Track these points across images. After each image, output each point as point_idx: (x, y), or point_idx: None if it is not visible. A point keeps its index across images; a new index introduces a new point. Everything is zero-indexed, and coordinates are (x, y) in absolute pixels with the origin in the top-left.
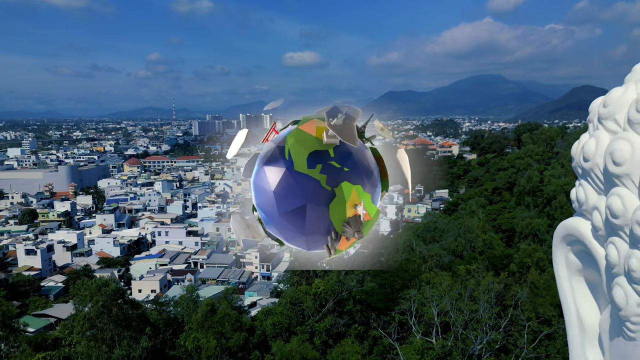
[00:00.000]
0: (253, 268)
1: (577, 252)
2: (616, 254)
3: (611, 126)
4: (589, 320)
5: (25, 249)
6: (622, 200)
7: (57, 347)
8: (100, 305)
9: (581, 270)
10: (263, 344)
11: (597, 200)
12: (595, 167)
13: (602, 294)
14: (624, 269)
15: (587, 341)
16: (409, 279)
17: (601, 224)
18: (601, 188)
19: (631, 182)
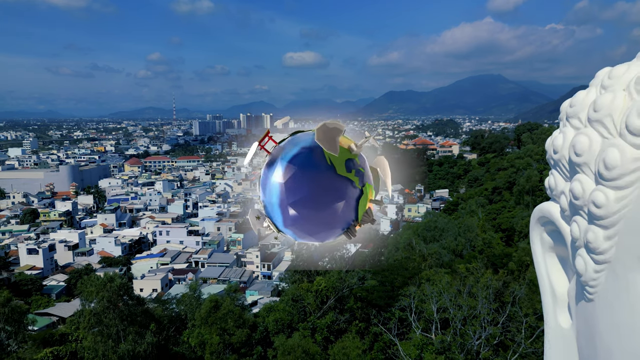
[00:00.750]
0: (254, 267)
1: (549, 231)
2: (578, 229)
3: (575, 123)
4: (560, 289)
5: (27, 248)
6: (582, 185)
7: (63, 343)
8: (106, 301)
9: (553, 247)
10: (265, 340)
11: (564, 186)
12: (562, 158)
13: (570, 266)
14: (583, 241)
15: (558, 307)
16: (409, 276)
17: (567, 205)
18: (567, 175)
19: (589, 169)
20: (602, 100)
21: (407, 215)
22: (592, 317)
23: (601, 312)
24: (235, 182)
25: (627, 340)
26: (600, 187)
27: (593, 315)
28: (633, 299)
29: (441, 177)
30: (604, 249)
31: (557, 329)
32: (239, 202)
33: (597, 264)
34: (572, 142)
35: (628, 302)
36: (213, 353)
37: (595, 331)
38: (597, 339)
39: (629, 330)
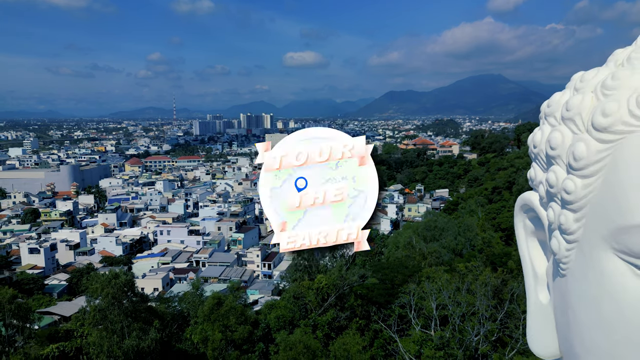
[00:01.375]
0: (254, 267)
1: (531, 218)
2: (553, 214)
3: (552, 121)
4: (540, 269)
5: (28, 247)
6: (556, 175)
7: (69, 339)
8: (110, 297)
9: (534, 232)
10: (267, 336)
11: (542, 176)
12: (540, 152)
13: (548, 248)
14: (557, 224)
15: (539, 285)
16: (409, 274)
17: (544, 193)
18: (544, 167)
19: (562, 161)
20: (573, 101)
21: (407, 215)
22: (565, 292)
23: (572, 286)
24: (236, 181)
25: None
26: (570, 176)
27: (566, 290)
28: (597, 274)
29: (441, 177)
30: (573, 230)
31: (538, 304)
32: (240, 201)
33: (568, 243)
34: (548, 137)
35: (593, 276)
36: (215, 349)
37: (568, 304)
38: (569, 311)
39: (594, 301)
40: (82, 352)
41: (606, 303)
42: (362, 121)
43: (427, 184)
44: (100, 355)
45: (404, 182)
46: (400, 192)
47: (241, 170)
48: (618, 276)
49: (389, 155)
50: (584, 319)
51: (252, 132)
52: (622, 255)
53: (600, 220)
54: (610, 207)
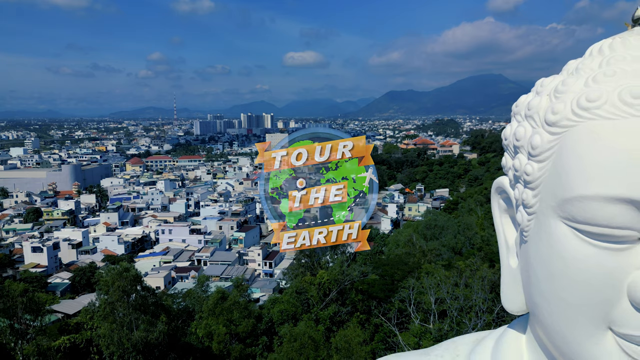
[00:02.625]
0: (256, 265)
1: (504, 198)
2: (518, 193)
3: (518, 118)
4: (510, 241)
5: (31, 246)
6: (520, 161)
7: (79, 332)
8: (120, 290)
9: (506, 210)
10: (270, 330)
11: (511, 163)
12: (509, 143)
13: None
14: (521, 201)
15: (510, 253)
16: (409, 270)
17: (512, 177)
18: (512, 155)
19: (524, 150)
20: (534, 102)
21: (407, 215)
22: (527, 254)
23: (532, 248)
24: (237, 181)
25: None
26: (530, 161)
27: (527, 253)
28: (548, 237)
29: (441, 177)
30: (532, 204)
31: (509, 269)
32: (241, 201)
33: (528, 215)
34: (514, 131)
35: (546, 239)
36: (220, 342)
37: (529, 263)
38: (530, 269)
39: (546, 258)
40: (92, 344)
41: (554, 259)
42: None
43: (427, 183)
44: (110, 346)
45: (404, 181)
46: (401, 191)
47: (242, 170)
48: (563, 237)
49: (389, 155)
50: (539, 273)
51: (252, 132)
52: (566, 221)
53: (550, 194)
54: (557, 184)
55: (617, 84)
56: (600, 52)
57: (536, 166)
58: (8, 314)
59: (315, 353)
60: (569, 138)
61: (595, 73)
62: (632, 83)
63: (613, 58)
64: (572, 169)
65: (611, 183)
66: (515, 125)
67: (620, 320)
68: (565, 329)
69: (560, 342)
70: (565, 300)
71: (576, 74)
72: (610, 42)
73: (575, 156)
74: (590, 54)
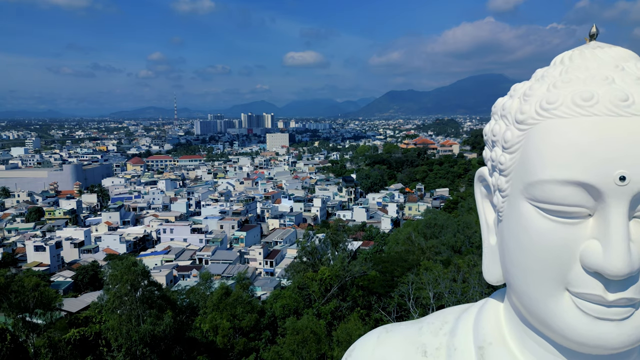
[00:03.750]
0: (257, 264)
1: (484, 185)
2: (495, 180)
3: (496, 117)
4: (490, 222)
5: (34, 245)
6: (496, 153)
7: (87, 325)
8: (129, 284)
9: (487, 195)
10: (273, 324)
11: (489, 155)
12: (489, 138)
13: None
14: (497, 186)
15: (490, 233)
16: (408, 267)
17: (490, 166)
18: (491, 149)
19: (499, 144)
20: (507, 104)
21: (407, 214)
22: (502, 231)
23: (505, 226)
24: (237, 181)
25: (515, 239)
26: (503, 153)
27: (502, 230)
28: (517, 215)
29: (441, 176)
30: (505, 188)
31: (489, 246)
32: (242, 200)
33: (502, 198)
34: (492, 128)
35: (515, 217)
36: (224, 337)
37: (503, 239)
38: (505, 244)
39: (516, 233)
40: (101, 337)
41: (522, 233)
42: (362, 121)
43: (427, 183)
44: (119, 338)
45: (404, 181)
46: (401, 191)
47: (242, 169)
48: (528, 215)
49: (389, 155)
50: (511, 245)
51: (253, 131)
52: (530, 201)
53: (518, 180)
54: (523, 171)
55: (572, 89)
56: (562, 62)
57: (508, 157)
58: (20, 308)
59: (317, 346)
60: (532, 133)
61: (556, 80)
62: (583, 88)
63: (571, 67)
64: (534, 158)
65: (564, 169)
66: (493, 123)
67: (574, 282)
68: (531, 290)
69: (527, 302)
70: (530, 266)
71: (541, 80)
72: (570, 54)
73: (537, 148)
74: (554, 63)
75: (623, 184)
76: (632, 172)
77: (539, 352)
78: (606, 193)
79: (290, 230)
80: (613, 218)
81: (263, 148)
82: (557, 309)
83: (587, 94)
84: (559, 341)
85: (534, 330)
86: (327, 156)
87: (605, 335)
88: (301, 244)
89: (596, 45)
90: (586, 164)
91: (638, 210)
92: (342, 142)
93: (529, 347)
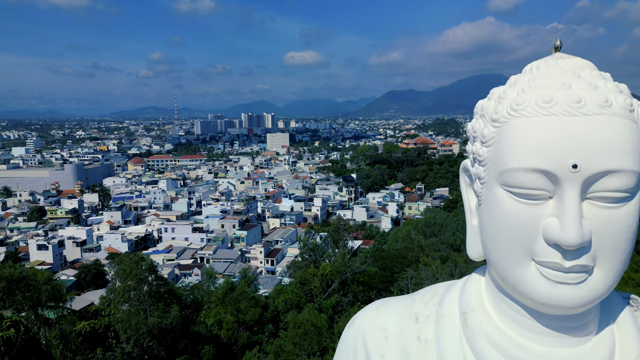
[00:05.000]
0: (258, 263)
1: (468, 175)
2: (475, 170)
3: (477, 117)
4: (472, 206)
5: (37, 244)
6: (476, 147)
7: (97, 317)
8: (138, 278)
9: (469, 184)
10: (275, 318)
11: (471, 148)
12: (470, 134)
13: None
14: (477, 175)
15: (472, 216)
16: (407, 264)
17: (472, 159)
18: (472, 143)
19: (479, 139)
20: (485, 105)
21: (407, 213)
22: (481, 213)
23: (483, 208)
24: (238, 180)
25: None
26: (482, 146)
27: (482, 212)
28: (492, 198)
29: (441, 176)
30: (483, 176)
31: (471, 227)
32: (242, 200)
33: (481, 184)
34: (473, 126)
35: (491, 200)
36: (229, 330)
37: (482, 219)
38: (483, 224)
39: (491, 214)
40: (110, 329)
41: (496, 213)
42: (363, 121)
43: (427, 182)
44: (128, 330)
45: (404, 180)
46: (401, 190)
47: (243, 169)
48: (501, 198)
49: (389, 155)
50: (487, 224)
51: (253, 131)
52: (502, 186)
53: (493, 168)
54: (497, 161)
55: (536, 93)
56: (530, 71)
57: (485, 150)
58: (32, 301)
59: (319, 338)
60: (504, 130)
61: (524, 85)
62: (545, 92)
63: (537, 75)
64: (505, 150)
65: (529, 159)
66: (474, 121)
67: (538, 252)
68: (504, 261)
69: (502, 272)
70: (503, 241)
71: (513, 85)
72: (538, 64)
73: (508, 142)
74: (524, 71)
75: (575, 171)
76: (582, 162)
77: (512, 314)
78: (562, 178)
79: (291, 230)
80: (568, 199)
81: (263, 148)
82: (524, 276)
83: (548, 97)
84: (527, 304)
85: (507, 297)
86: (328, 156)
87: (564, 296)
88: (304, 240)
89: (559, 56)
90: (546, 155)
91: (589, 193)
92: (343, 142)
93: (504, 311)
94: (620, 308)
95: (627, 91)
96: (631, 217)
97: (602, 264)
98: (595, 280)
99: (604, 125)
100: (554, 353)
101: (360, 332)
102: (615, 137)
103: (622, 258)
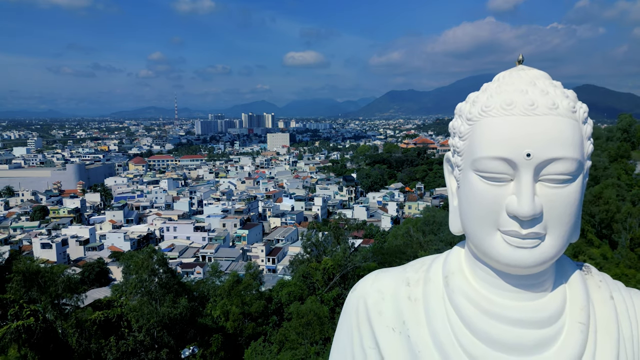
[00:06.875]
0: (259, 261)
1: (450, 164)
2: (455, 159)
3: (456, 116)
4: (453, 189)
5: (40, 243)
6: (455, 141)
7: (110, 308)
8: (149, 270)
9: (451, 172)
10: (279, 310)
11: (452, 142)
12: (451, 130)
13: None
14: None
15: (453, 198)
16: (406, 259)
17: (452, 150)
18: (452, 137)
19: (457, 135)
20: (463, 107)
21: (407, 213)
22: (460, 195)
23: (461, 190)
24: (239, 180)
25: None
26: (460, 140)
27: (460, 194)
28: (467, 181)
29: (441, 176)
30: (460, 164)
31: (452, 207)
32: (244, 199)
33: (459, 171)
34: (452, 123)
35: (467, 183)
36: (235, 321)
37: (460, 200)
38: (461, 204)
39: (467, 194)
40: (122, 319)
41: (470, 194)
42: (363, 121)
43: (427, 182)
44: (140, 319)
45: (404, 180)
46: (401, 190)
47: (244, 169)
48: (473, 180)
49: (389, 154)
50: (464, 203)
51: (253, 131)
52: (474, 172)
53: (467, 157)
54: (470, 151)
55: (501, 98)
56: (498, 80)
57: (462, 143)
58: (50, 292)
59: (321, 328)
60: (476, 127)
61: (492, 91)
62: (507, 97)
63: (503, 83)
64: (476, 143)
65: (494, 149)
66: (454, 120)
67: (502, 223)
68: (476, 232)
69: (475, 241)
70: (475, 215)
71: (485, 91)
72: (504, 74)
73: (478, 136)
74: (494, 80)
75: (529, 159)
76: (535, 152)
77: (484, 276)
78: (519, 165)
79: (292, 229)
80: (524, 181)
81: (264, 148)
82: (493, 243)
83: (509, 100)
84: (495, 266)
85: (480, 262)
86: (328, 156)
87: (521, 258)
88: (307, 236)
89: (521, 68)
90: (507, 146)
91: (540, 176)
92: (343, 142)
93: (477, 274)
94: (572, 271)
95: (573, 96)
96: (574, 194)
97: (552, 232)
98: (546, 245)
99: (552, 123)
100: (517, 305)
101: (361, 294)
102: (560, 133)
103: (568, 227)
